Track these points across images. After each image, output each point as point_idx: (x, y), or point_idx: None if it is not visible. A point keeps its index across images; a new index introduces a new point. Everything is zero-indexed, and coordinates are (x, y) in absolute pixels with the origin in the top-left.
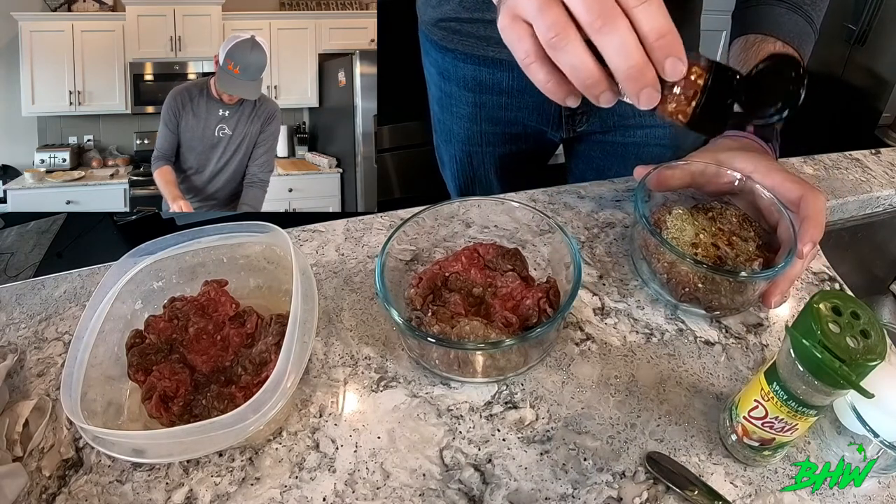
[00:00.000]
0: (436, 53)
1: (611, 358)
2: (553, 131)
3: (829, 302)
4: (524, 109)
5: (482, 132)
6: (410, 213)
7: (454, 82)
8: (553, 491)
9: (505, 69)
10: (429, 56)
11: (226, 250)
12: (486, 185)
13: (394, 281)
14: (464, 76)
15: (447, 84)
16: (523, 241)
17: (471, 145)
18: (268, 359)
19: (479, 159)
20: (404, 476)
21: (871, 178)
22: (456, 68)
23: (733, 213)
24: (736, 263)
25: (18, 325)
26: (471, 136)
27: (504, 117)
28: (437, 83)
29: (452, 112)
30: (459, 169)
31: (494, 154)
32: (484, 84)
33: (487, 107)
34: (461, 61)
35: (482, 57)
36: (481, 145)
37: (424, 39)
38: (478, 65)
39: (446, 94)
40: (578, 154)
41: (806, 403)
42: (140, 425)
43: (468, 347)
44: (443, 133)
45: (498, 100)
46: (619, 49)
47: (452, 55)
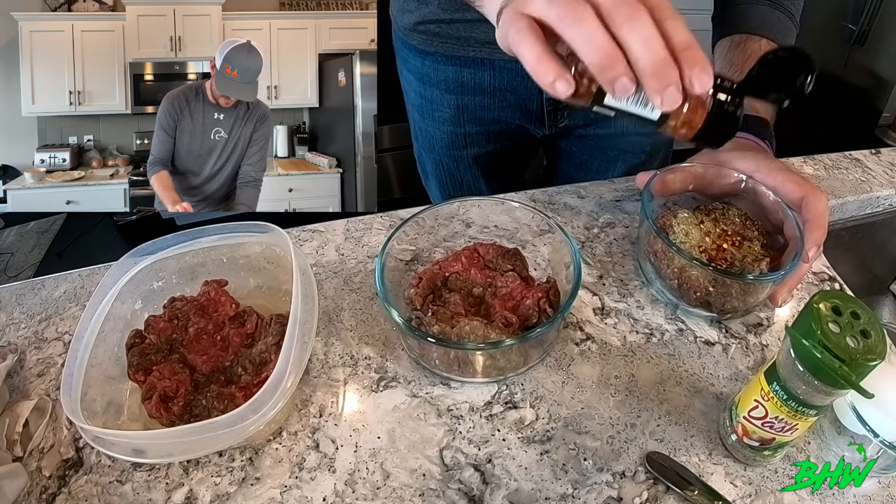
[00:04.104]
0: (415, 59)
1: (611, 358)
2: (536, 127)
3: (829, 302)
4: (507, 108)
5: (465, 134)
6: (410, 213)
7: (435, 86)
8: (553, 491)
9: (486, 68)
10: (406, 63)
11: (226, 250)
12: (474, 188)
13: (394, 281)
14: (445, 78)
15: (427, 89)
16: (523, 241)
17: (455, 149)
18: (268, 359)
19: (464, 163)
20: (404, 476)
21: (871, 178)
22: (437, 71)
23: (735, 213)
24: (744, 265)
25: (18, 325)
26: (454, 140)
27: (487, 117)
28: (416, 89)
29: (434, 117)
30: (445, 174)
31: (479, 154)
32: (466, 85)
33: (470, 108)
34: (442, 63)
35: (463, 57)
36: (466, 147)
37: (401, 46)
38: (459, 66)
39: (427, 100)
40: (560, 151)
41: (806, 403)
42: (140, 425)
43: (468, 347)
44: (424, 141)
45: (480, 100)
46: (647, 41)
47: (433, 58)
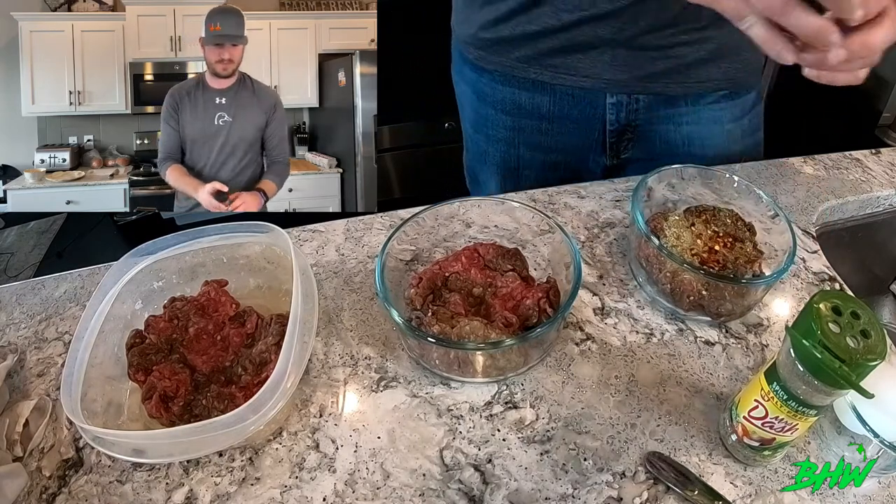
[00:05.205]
0: (471, 73)
1: (611, 358)
2: (596, 156)
3: (829, 302)
4: (565, 134)
5: (520, 156)
6: (410, 213)
7: (490, 105)
8: (553, 491)
9: (546, 93)
10: (463, 75)
11: (226, 250)
12: None
13: (394, 281)
14: (501, 99)
15: (483, 106)
16: (523, 241)
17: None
18: (268, 359)
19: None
20: (404, 476)
21: (871, 178)
22: (493, 91)
23: (727, 215)
24: (736, 266)
25: (18, 325)
26: (507, 160)
27: (544, 143)
28: (471, 104)
29: (488, 135)
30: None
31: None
32: (523, 108)
33: (526, 131)
34: (499, 83)
35: (522, 79)
36: (518, 168)
37: (459, 58)
38: (517, 87)
39: (482, 117)
40: None
41: (806, 403)
42: (140, 425)
43: (468, 347)
44: (476, 154)
45: (538, 124)
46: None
47: (490, 76)
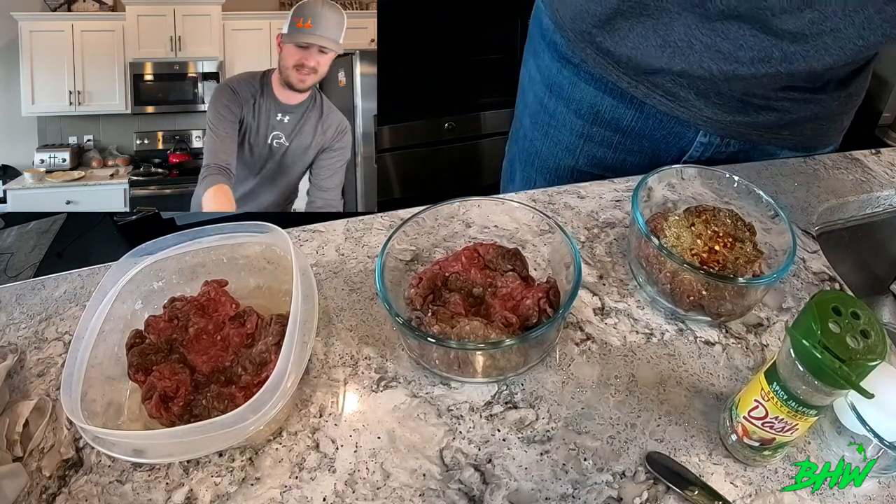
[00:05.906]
0: (550, 60)
1: (611, 358)
2: None
3: (829, 302)
4: (635, 153)
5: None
6: (410, 213)
7: (564, 102)
8: (553, 491)
9: (633, 106)
10: (539, 58)
11: (226, 250)
12: None
13: (394, 281)
14: (579, 99)
15: (553, 101)
16: (523, 241)
17: (558, 178)
18: (268, 359)
19: None
20: (404, 476)
21: (871, 178)
22: (573, 87)
23: (726, 215)
24: (736, 266)
25: (18, 325)
26: (559, 168)
27: (609, 158)
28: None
29: (547, 134)
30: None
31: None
32: (601, 115)
33: (594, 141)
34: (582, 80)
35: (611, 84)
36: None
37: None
38: (602, 91)
39: (547, 112)
40: None
41: (806, 403)
42: (140, 425)
43: (468, 348)
44: (524, 150)
45: (610, 136)
46: None
47: (573, 70)
